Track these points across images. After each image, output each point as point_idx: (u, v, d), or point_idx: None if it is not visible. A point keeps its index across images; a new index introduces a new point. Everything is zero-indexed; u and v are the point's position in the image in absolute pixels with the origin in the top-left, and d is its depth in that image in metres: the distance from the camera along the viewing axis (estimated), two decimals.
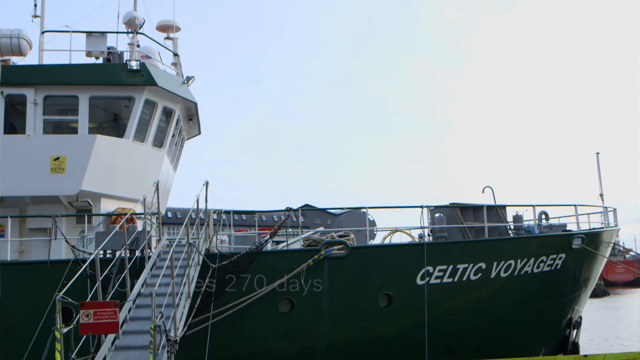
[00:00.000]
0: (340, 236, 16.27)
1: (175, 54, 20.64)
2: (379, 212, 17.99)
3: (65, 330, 8.70)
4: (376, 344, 15.95)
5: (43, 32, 18.66)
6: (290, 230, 18.02)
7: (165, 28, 20.61)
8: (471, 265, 16.44)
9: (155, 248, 14.73)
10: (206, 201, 15.51)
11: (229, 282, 14.34)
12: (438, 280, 16.20)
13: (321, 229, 19.02)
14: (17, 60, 19.14)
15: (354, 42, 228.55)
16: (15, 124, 17.98)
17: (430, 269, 16.12)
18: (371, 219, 17.56)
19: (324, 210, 50.90)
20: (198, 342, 14.17)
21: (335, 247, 15.59)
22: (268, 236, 15.30)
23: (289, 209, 16.22)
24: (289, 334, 15.49)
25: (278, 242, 17.31)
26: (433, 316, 16.12)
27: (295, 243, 16.89)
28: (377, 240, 17.68)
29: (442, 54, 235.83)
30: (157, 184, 14.82)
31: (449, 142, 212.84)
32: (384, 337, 16.00)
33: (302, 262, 15.26)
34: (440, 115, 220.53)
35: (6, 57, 18.45)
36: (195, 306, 12.99)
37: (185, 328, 11.98)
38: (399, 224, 17.58)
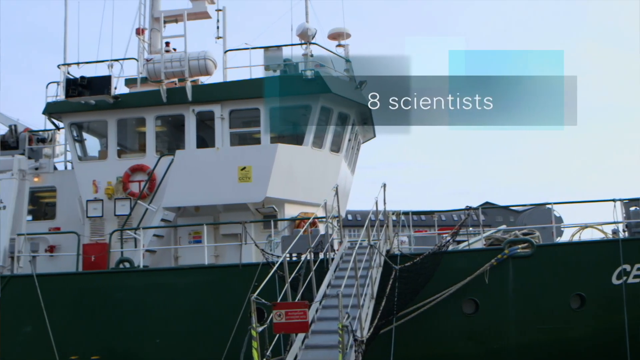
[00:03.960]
0: (524, 234, 15.61)
1: (347, 60, 21.04)
2: (565, 208, 16.91)
3: (260, 329, 9.21)
4: (569, 347, 15.05)
5: (226, 52, 19.95)
6: (471, 229, 17.59)
7: (336, 36, 21.07)
8: None
9: (337, 250, 15.13)
10: (384, 203, 15.62)
11: (415, 284, 14.30)
12: (638, 280, 14.92)
13: (503, 227, 18.30)
14: (204, 79, 20.70)
15: (525, 36, 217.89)
16: (205, 138, 19.43)
17: (628, 267, 14.89)
18: (557, 215, 16.57)
19: (505, 207, 48.90)
20: (383, 343, 14.30)
21: (520, 246, 14.98)
22: (449, 236, 15.08)
23: (468, 208, 15.85)
24: (474, 336, 15.12)
25: (459, 242, 16.96)
26: (633, 318, 14.87)
27: (477, 242, 16.46)
28: (565, 238, 16.68)
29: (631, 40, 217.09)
30: (337, 188, 15.20)
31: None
32: (577, 339, 15.05)
33: (485, 261, 14.84)
34: (624, 104, 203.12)
35: (195, 78, 20.01)
36: (380, 308, 13.10)
37: (372, 329, 12.14)
38: (589, 219, 16.46)
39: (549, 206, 16.55)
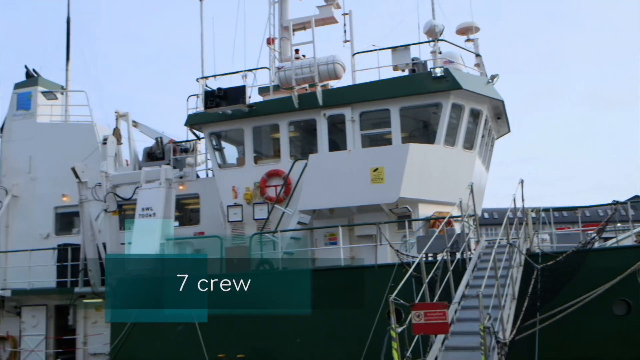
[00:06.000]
0: None
1: (477, 55, 20.55)
2: None
3: (399, 329, 9.20)
4: None
5: (354, 54, 20.13)
6: (619, 225, 16.52)
7: (465, 30, 20.66)
8: None
9: (475, 250, 14.79)
10: (522, 200, 15.10)
11: (557, 284, 13.67)
12: None
13: None
14: (333, 83, 21.03)
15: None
16: (337, 141, 19.72)
17: None
18: None
19: None
20: (526, 345, 13.77)
21: None
22: (595, 233, 14.26)
23: (616, 202, 14.92)
24: (627, 339, 14.16)
25: (606, 239, 15.99)
26: None
27: (627, 239, 15.43)
28: None
29: None
30: (472, 186, 14.87)
31: None
32: None
33: (636, 259, 13.86)
34: None
35: (325, 82, 20.37)
36: (523, 309, 12.64)
37: (515, 330, 11.75)
38: None
39: None
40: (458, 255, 13.89)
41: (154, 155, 23.43)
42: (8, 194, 24.27)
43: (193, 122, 21.15)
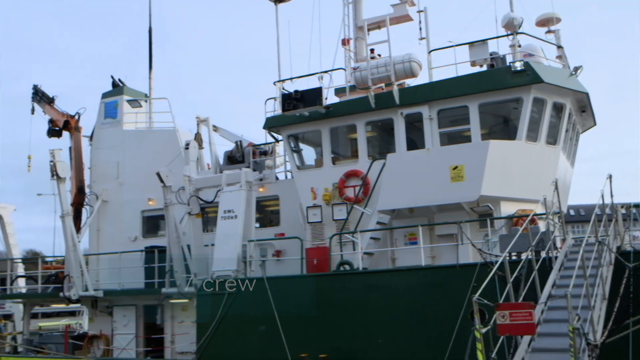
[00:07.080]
0: None
1: (559, 47, 19.89)
2: None
3: (484, 330, 9.02)
4: None
5: (430, 52, 19.87)
6: None
7: (545, 22, 20.03)
8: None
9: (561, 248, 14.32)
10: (611, 195, 14.49)
11: None
12: None
13: None
14: (410, 82, 20.83)
15: None
16: (415, 140, 19.53)
17: None
18: None
19: None
20: (619, 349, 13.18)
21: None
22: None
23: None
24: None
25: None
26: None
27: None
28: None
29: None
30: (556, 183, 14.41)
31: None
32: None
33: None
34: None
35: (401, 81, 20.21)
36: (614, 310, 12.12)
37: (606, 333, 11.28)
38: None
39: None
40: (543, 254, 13.50)
41: (234, 158, 23.92)
42: (98, 199, 25.42)
43: (271, 124, 21.45)
